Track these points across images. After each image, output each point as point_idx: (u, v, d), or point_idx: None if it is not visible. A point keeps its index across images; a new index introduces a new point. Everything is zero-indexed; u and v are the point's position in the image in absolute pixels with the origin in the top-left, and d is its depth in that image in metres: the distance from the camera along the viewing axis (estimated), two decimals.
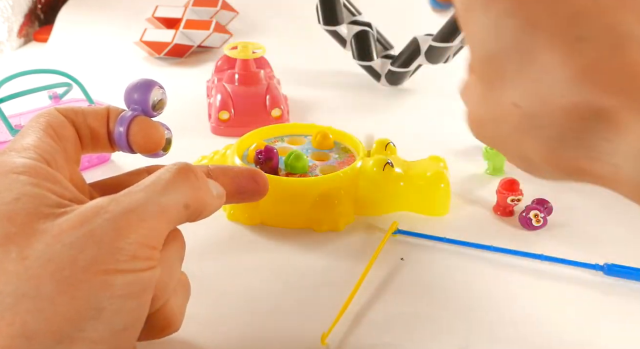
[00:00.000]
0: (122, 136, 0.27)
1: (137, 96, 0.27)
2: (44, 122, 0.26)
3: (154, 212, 0.22)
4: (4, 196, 0.21)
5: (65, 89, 0.57)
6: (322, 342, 0.33)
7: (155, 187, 0.23)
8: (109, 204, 0.22)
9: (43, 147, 0.25)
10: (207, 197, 0.26)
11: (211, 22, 0.94)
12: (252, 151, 0.49)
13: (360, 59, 0.79)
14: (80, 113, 0.27)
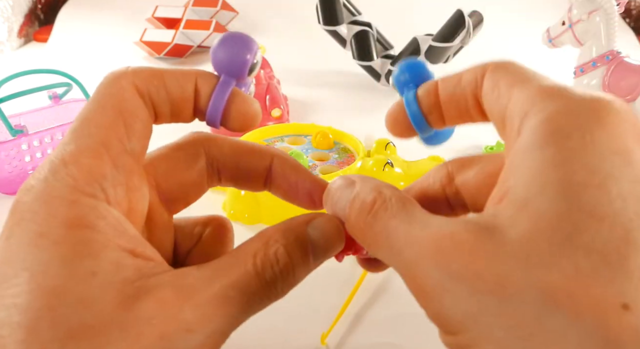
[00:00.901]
0: (218, 115, 0.22)
1: (233, 59, 0.22)
2: (113, 108, 0.20)
3: (230, 331, 0.19)
4: (77, 268, 0.16)
5: (65, 89, 0.57)
6: (322, 342, 0.33)
7: (239, 298, 0.19)
8: (192, 321, 0.17)
9: (104, 169, 0.19)
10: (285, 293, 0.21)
11: (211, 22, 0.94)
12: None
13: (360, 59, 0.79)
14: (161, 85, 0.21)
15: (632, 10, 1.19)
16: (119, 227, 0.18)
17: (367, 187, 0.20)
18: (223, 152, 0.24)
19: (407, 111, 0.22)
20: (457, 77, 0.21)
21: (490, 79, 0.20)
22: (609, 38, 0.63)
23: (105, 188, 0.18)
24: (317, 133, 0.52)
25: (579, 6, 0.64)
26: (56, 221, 0.17)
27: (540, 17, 0.89)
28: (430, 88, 0.22)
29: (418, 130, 0.22)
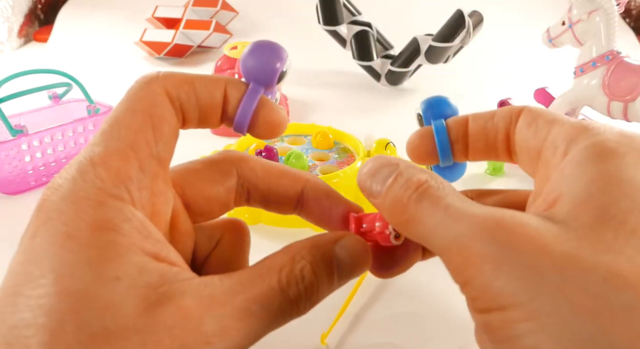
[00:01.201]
0: (246, 123, 0.22)
1: (264, 67, 0.22)
2: (143, 113, 0.20)
3: (251, 345, 0.19)
4: (102, 273, 0.16)
5: (65, 89, 0.57)
6: (322, 342, 0.33)
7: (261, 315, 0.19)
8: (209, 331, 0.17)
9: (130, 171, 0.19)
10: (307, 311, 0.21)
11: (211, 22, 0.94)
12: (252, 151, 0.49)
13: (360, 59, 0.79)
14: (191, 91, 0.21)
15: (632, 10, 1.19)
16: (144, 231, 0.18)
17: (415, 168, 0.20)
18: (255, 174, 0.24)
19: (436, 137, 0.23)
20: (490, 114, 0.22)
21: (527, 116, 0.21)
22: (609, 38, 0.63)
23: (131, 191, 0.18)
24: (317, 133, 0.52)
25: (579, 6, 0.63)
26: (83, 222, 0.17)
27: (540, 17, 0.89)
28: (460, 120, 0.23)
29: (442, 157, 0.23)
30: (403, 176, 0.19)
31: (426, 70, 0.78)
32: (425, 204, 0.18)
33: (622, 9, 0.63)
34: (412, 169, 0.20)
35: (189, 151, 0.48)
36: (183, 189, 0.23)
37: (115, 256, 0.17)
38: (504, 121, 0.21)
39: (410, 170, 0.19)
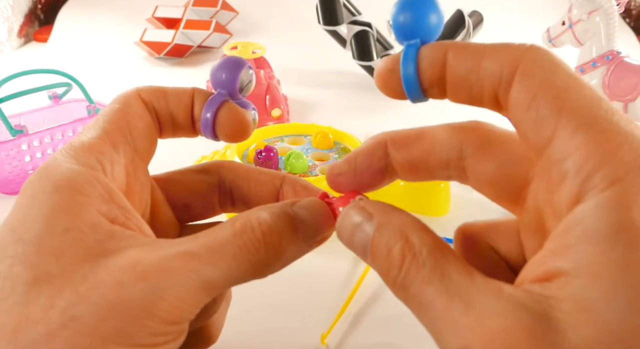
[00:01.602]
0: (208, 123, 0.24)
1: (225, 76, 0.24)
2: (119, 110, 0.23)
3: (196, 289, 0.18)
4: (53, 225, 0.18)
5: (65, 89, 0.57)
6: (322, 342, 0.33)
7: (207, 257, 0.19)
8: (150, 270, 0.18)
9: (104, 148, 0.21)
10: (275, 269, 0.20)
11: (211, 22, 0.94)
12: (252, 151, 0.49)
13: (360, 59, 0.79)
14: (162, 97, 0.24)
15: (632, 10, 1.19)
16: (106, 195, 0.20)
17: (390, 228, 0.18)
18: (236, 173, 0.25)
19: (402, 73, 0.18)
20: (474, 60, 0.17)
21: (525, 89, 0.16)
22: (609, 38, 0.63)
23: (101, 161, 0.21)
24: (317, 133, 0.52)
25: (579, 6, 0.63)
26: (48, 184, 0.19)
27: (540, 17, 0.89)
28: (436, 60, 0.18)
29: (410, 97, 0.19)
30: (381, 245, 0.17)
31: None
32: (412, 292, 0.16)
33: (622, 9, 0.63)
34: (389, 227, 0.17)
35: (190, 151, 0.48)
36: (166, 184, 0.25)
37: (69, 211, 0.19)
38: (491, 79, 0.17)
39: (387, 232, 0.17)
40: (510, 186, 0.19)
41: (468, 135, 0.19)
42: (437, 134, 0.20)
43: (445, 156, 0.19)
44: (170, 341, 0.19)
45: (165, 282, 0.18)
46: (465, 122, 0.20)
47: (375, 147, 0.21)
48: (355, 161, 0.21)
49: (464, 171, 0.19)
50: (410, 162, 0.20)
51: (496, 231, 0.21)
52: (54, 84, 0.53)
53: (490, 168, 0.19)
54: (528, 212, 0.18)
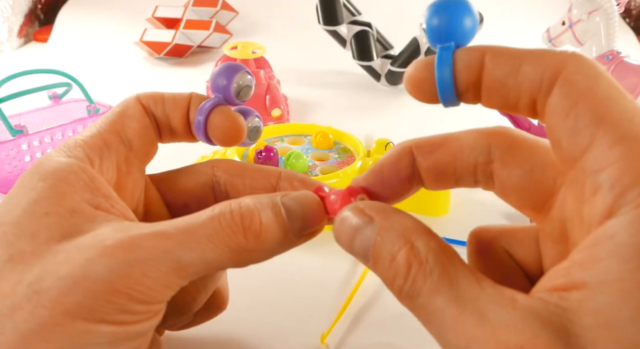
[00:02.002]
0: (200, 126, 0.24)
1: (220, 81, 0.25)
2: (117, 113, 0.24)
3: (167, 270, 0.18)
4: (34, 210, 0.19)
5: (65, 89, 0.57)
6: (322, 342, 0.33)
7: (180, 238, 0.18)
8: (116, 246, 0.18)
9: (95, 144, 0.22)
10: (258, 256, 0.20)
11: (211, 22, 0.94)
12: (252, 150, 0.49)
13: (360, 59, 0.79)
14: (160, 101, 0.25)
15: (632, 10, 1.19)
16: (90, 184, 0.21)
17: (392, 233, 0.17)
18: (230, 173, 0.25)
19: (437, 77, 0.17)
20: (513, 64, 0.17)
21: (566, 96, 0.16)
22: (609, 38, 0.63)
23: (90, 155, 0.22)
24: (317, 133, 0.52)
25: (579, 6, 0.64)
26: (35, 175, 0.20)
27: (540, 17, 0.89)
28: (472, 63, 0.17)
29: (443, 102, 0.18)
30: (385, 251, 0.17)
31: None
32: (420, 302, 0.16)
33: (622, 9, 0.63)
34: (391, 231, 0.17)
35: (189, 151, 0.48)
36: (162, 184, 0.26)
37: (51, 198, 0.20)
38: (531, 86, 0.16)
39: (390, 236, 0.17)
40: (536, 193, 0.18)
41: (496, 139, 0.19)
42: (464, 138, 0.19)
43: (473, 159, 0.19)
44: (142, 320, 0.19)
45: (132, 259, 0.18)
46: (491, 127, 0.19)
47: (402, 155, 0.20)
48: (382, 171, 0.20)
49: (491, 175, 0.19)
50: (437, 167, 0.20)
51: (513, 237, 0.20)
52: (54, 84, 0.53)
53: (518, 173, 0.18)
54: (552, 221, 0.18)
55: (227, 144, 0.25)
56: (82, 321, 0.17)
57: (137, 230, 0.19)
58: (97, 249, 0.18)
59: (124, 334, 0.18)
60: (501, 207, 0.48)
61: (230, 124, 0.24)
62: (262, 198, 0.20)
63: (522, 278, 0.20)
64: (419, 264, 0.16)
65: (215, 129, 0.24)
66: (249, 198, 0.20)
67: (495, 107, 0.18)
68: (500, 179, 0.19)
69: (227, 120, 0.24)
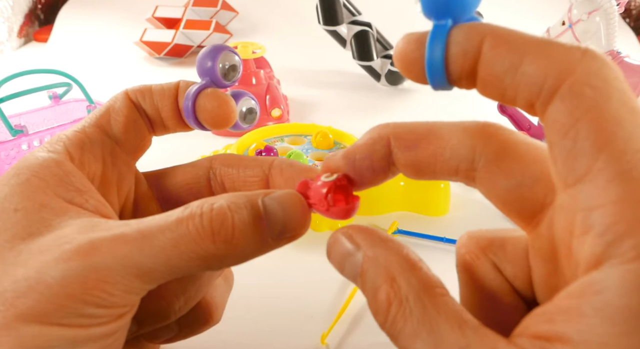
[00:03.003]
0: (189, 112, 0.24)
1: (205, 63, 0.24)
2: (103, 108, 0.24)
3: (126, 275, 0.17)
4: (4, 206, 0.19)
5: (65, 89, 0.57)
6: (322, 342, 0.33)
7: (141, 243, 0.18)
8: (74, 251, 0.18)
9: (78, 138, 0.22)
10: (229, 262, 0.19)
11: (211, 22, 0.94)
12: (252, 150, 0.49)
13: (360, 59, 0.79)
14: (147, 93, 0.24)
15: (632, 10, 1.19)
16: (65, 178, 0.20)
17: (375, 266, 0.16)
18: (226, 164, 0.25)
19: (427, 58, 0.16)
20: (513, 58, 0.14)
21: (567, 111, 0.14)
22: (609, 38, 0.63)
23: (69, 149, 0.22)
24: (317, 133, 0.52)
25: (579, 6, 0.64)
26: (12, 170, 0.20)
27: (540, 17, 0.89)
28: (469, 48, 0.15)
29: (432, 85, 0.16)
30: (369, 284, 0.16)
31: None
32: (401, 344, 0.15)
33: (622, 9, 0.63)
34: (375, 266, 0.16)
35: (189, 151, 0.48)
36: (157, 180, 0.25)
37: (21, 193, 0.20)
38: (528, 90, 0.14)
39: (373, 270, 0.16)
40: (523, 208, 0.17)
41: (482, 142, 0.17)
42: (447, 136, 0.18)
43: (455, 163, 0.17)
44: (104, 323, 0.18)
45: (88, 264, 0.17)
46: (479, 123, 0.17)
47: (377, 146, 0.18)
48: (354, 157, 0.19)
49: (473, 179, 0.18)
50: (415, 164, 0.18)
51: (502, 250, 0.19)
52: (54, 84, 0.53)
53: (504, 186, 0.17)
54: (540, 239, 0.17)
55: (218, 126, 0.24)
56: (35, 324, 0.17)
57: (100, 232, 0.18)
58: (55, 253, 0.18)
59: (84, 337, 0.18)
60: None
61: (218, 105, 0.23)
62: (240, 198, 0.19)
63: (510, 293, 0.19)
64: (399, 303, 0.15)
65: (203, 112, 0.24)
66: (226, 197, 0.19)
67: (492, 98, 0.16)
68: (485, 187, 0.17)
69: (215, 101, 0.23)
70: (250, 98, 0.25)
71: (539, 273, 0.18)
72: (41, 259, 0.18)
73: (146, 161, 0.32)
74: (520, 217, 0.17)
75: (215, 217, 0.18)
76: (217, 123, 0.24)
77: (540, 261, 0.17)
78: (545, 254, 0.17)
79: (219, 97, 0.24)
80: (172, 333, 0.25)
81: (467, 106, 0.74)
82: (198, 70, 0.24)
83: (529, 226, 0.17)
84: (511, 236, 0.19)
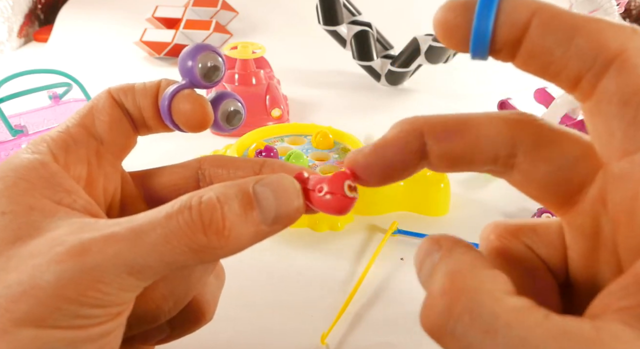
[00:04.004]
0: (165, 113, 0.23)
1: (185, 63, 0.23)
2: (87, 107, 0.23)
3: (120, 273, 0.17)
4: None
5: (65, 89, 0.57)
6: (322, 342, 0.33)
7: (132, 240, 0.17)
8: (66, 253, 0.17)
9: (61, 139, 0.22)
10: (224, 253, 0.18)
11: (211, 22, 0.94)
12: (252, 150, 0.49)
13: (360, 59, 0.79)
14: (129, 92, 0.24)
15: (632, 10, 1.19)
16: (52, 180, 0.20)
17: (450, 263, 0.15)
18: (216, 164, 0.25)
19: (474, 26, 0.16)
20: (566, 33, 0.15)
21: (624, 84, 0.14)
22: None
23: (53, 150, 0.21)
24: (317, 133, 0.52)
25: (579, 6, 0.63)
26: (5, 170, 0.20)
27: None
28: (518, 20, 0.15)
29: (473, 54, 0.16)
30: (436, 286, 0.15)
31: (426, 71, 0.78)
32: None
33: (622, 9, 0.63)
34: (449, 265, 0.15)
35: (190, 151, 0.48)
36: (144, 180, 0.25)
37: (8, 196, 0.19)
38: (581, 60, 0.14)
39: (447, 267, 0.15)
40: (563, 190, 0.17)
41: (521, 131, 0.17)
42: (484, 126, 0.17)
43: (493, 152, 0.17)
44: (101, 323, 0.18)
45: (81, 265, 0.17)
46: (516, 112, 0.17)
47: (411, 138, 0.18)
48: (385, 152, 0.18)
49: (512, 167, 0.17)
50: (451, 155, 0.17)
51: (533, 232, 0.19)
52: (54, 84, 0.53)
53: (544, 170, 0.17)
54: (581, 215, 0.17)
55: (194, 129, 0.23)
56: (32, 328, 0.17)
57: (91, 232, 0.18)
58: (47, 256, 0.18)
59: (82, 337, 0.18)
60: (501, 207, 0.48)
61: (192, 108, 0.23)
62: (230, 188, 0.18)
63: (546, 273, 0.19)
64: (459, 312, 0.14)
65: (178, 114, 0.23)
66: (215, 188, 0.18)
67: (530, 71, 0.16)
68: (524, 173, 0.17)
69: (189, 104, 0.23)
70: (235, 99, 0.25)
71: (577, 250, 0.18)
72: (33, 263, 0.18)
73: (147, 162, 0.32)
74: (557, 201, 0.17)
75: (205, 209, 0.18)
76: (191, 126, 0.23)
77: (580, 238, 0.17)
78: (587, 231, 0.17)
79: (194, 99, 0.23)
80: (164, 334, 0.25)
81: (467, 106, 0.74)
82: (179, 69, 0.23)
83: (565, 207, 0.17)
84: (540, 222, 0.19)
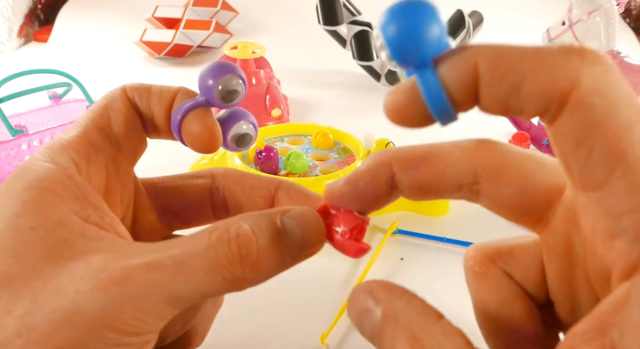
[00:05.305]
0: (175, 127, 0.22)
1: (205, 80, 0.22)
2: (102, 106, 0.22)
3: (160, 302, 0.18)
4: (19, 224, 0.18)
5: (65, 89, 0.57)
6: (322, 342, 0.33)
7: (175, 269, 0.18)
8: (109, 280, 0.17)
9: (81, 146, 0.21)
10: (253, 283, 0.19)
11: (211, 22, 0.94)
12: (252, 150, 0.49)
13: (360, 59, 0.79)
14: (145, 93, 0.23)
15: (632, 10, 1.19)
16: (79, 194, 0.19)
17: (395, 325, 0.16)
18: (230, 179, 0.24)
19: (426, 96, 0.16)
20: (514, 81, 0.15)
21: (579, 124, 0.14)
22: (609, 38, 0.63)
23: (76, 160, 0.20)
24: (317, 133, 0.52)
25: (579, 6, 0.64)
26: (19, 183, 0.19)
27: (540, 17, 0.89)
28: (466, 79, 0.15)
29: (442, 121, 0.16)
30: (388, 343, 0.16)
31: None
32: None
33: (622, 9, 0.63)
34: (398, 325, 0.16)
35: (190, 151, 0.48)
36: (156, 189, 0.24)
37: (37, 210, 0.18)
38: (536, 106, 0.14)
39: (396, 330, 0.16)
40: (529, 210, 0.18)
41: (482, 157, 0.18)
42: (448, 155, 0.18)
43: (457, 180, 0.18)
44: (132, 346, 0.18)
45: (125, 294, 0.17)
46: (477, 141, 0.18)
47: (380, 170, 0.19)
48: (357, 183, 0.19)
49: (477, 193, 0.18)
50: (418, 185, 0.19)
51: (510, 256, 0.20)
52: (54, 84, 0.53)
53: (507, 193, 0.17)
54: (553, 235, 0.17)
55: (200, 150, 0.23)
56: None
57: (132, 259, 0.18)
58: (90, 283, 0.17)
59: None
60: None
61: (202, 130, 0.22)
62: (261, 220, 0.19)
63: (523, 299, 0.19)
64: None
65: (187, 133, 0.22)
66: (247, 221, 0.19)
67: (498, 115, 0.16)
68: (490, 198, 0.18)
69: (200, 126, 0.22)
70: (248, 122, 0.24)
71: (553, 270, 0.18)
72: (76, 289, 0.17)
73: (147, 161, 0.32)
74: (528, 220, 0.18)
75: (243, 242, 0.18)
76: (199, 148, 0.23)
77: (555, 257, 0.18)
78: (560, 250, 0.17)
79: (204, 123, 0.22)
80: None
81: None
82: (198, 85, 0.23)
83: (538, 225, 0.18)
84: (517, 244, 0.20)
